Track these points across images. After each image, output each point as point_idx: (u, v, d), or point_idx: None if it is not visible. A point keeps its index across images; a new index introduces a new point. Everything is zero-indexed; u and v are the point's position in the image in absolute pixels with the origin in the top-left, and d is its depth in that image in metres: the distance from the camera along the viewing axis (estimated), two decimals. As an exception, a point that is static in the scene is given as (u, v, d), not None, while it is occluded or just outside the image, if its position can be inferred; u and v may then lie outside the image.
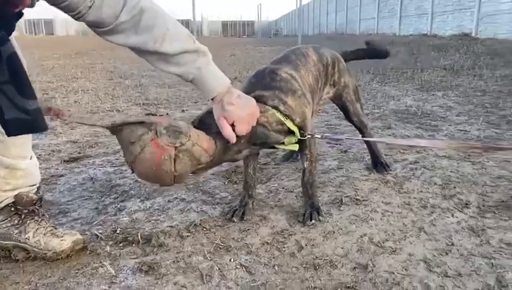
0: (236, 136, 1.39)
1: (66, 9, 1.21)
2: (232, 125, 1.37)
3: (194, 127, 1.41)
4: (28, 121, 1.13)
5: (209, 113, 1.43)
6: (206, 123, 1.43)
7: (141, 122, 1.27)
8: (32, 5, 1.14)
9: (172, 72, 1.35)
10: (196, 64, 1.33)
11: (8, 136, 1.13)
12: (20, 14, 1.17)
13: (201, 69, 1.34)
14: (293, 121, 1.57)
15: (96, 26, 1.26)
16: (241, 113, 1.38)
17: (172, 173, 1.30)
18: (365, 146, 2.33)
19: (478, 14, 10.89)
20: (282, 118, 1.53)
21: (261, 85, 1.60)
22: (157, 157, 1.26)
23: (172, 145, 1.27)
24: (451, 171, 2.15)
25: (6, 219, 1.46)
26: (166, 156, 1.26)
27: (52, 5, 1.20)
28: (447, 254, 1.42)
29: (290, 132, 1.58)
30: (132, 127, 1.27)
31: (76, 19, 1.25)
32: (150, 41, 1.27)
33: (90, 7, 1.20)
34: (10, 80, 1.11)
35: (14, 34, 1.23)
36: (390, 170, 2.17)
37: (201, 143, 1.33)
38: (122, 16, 1.23)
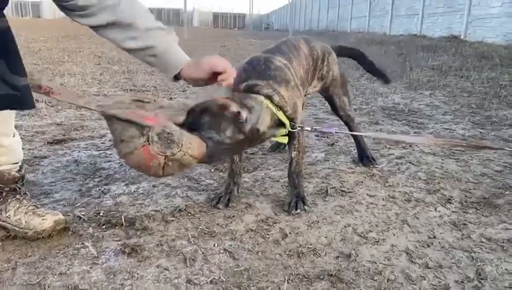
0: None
1: None
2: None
3: (188, 120, 1.40)
4: (16, 97, 1.12)
5: (204, 111, 1.41)
6: (198, 124, 1.39)
7: (133, 122, 1.25)
8: None
9: (142, 46, 1.33)
10: (166, 39, 1.35)
11: None
12: None
13: (171, 44, 1.36)
14: (284, 112, 1.57)
15: (78, 11, 1.25)
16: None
17: (159, 175, 1.33)
18: (352, 140, 2.34)
19: (468, 17, 11.00)
20: (275, 110, 1.53)
21: (256, 73, 1.59)
22: (146, 162, 1.27)
23: (162, 154, 1.26)
24: (435, 167, 2.17)
25: (-13, 196, 1.43)
26: (155, 163, 1.27)
27: None
28: (428, 246, 1.43)
29: (281, 124, 1.58)
30: (124, 125, 1.25)
31: (63, 2, 1.22)
32: (128, 16, 1.28)
33: None
34: (1, 55, 1.09)
35: None
36: (376, 164, 2.18)
37: (192, 152, 1.32)
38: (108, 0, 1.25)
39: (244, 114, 1.41)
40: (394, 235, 1.50)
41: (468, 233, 1.52)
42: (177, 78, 1.41)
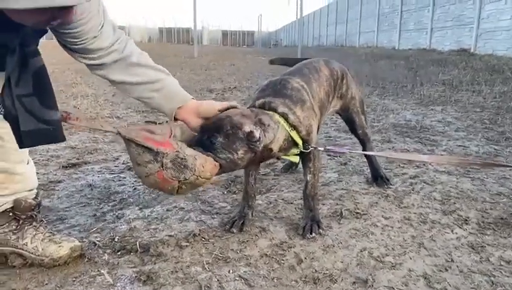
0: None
1: (73, 36, 1.27)
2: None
3: (201, 137, 1.44)
4: (48, 131, 1.17)
5: (217, 129, 1.44)
6: (211, 143, 1.42)
7: (149, 148, 1.29)
8: (69, 22, 1.19)
9: (144, 80, 1.45)
10: (169, 77, 1.50)
11: (21, 147, 1.16)
12: (46, 31, 1.21)
13: (174, 81, 1.51)
14: (298, 133, 1.57)
15: (87, 54, 1.35)
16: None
17: (172, 195, 1.45)
18: (364, 159, 2.33)
19: (477, 31, 10.98)
20: (288, 129, 1.54)
21: (272, 91, 1.63)
22: (160, 185, 1.33)
23: (176, 179, 1.31)
24: (450, 187, 2.15)
25: (4, 224, 1.45)
26: (169, 186, 1.33)
27: (60, 30, 1.25)
28: (446, 270, 1.41)
29: (295, 143, 1.59)
30: (139, 150, 1.30)
31: (73, 45, 1.31)
32: (132, 57, 1.41)
33: (95, 37, 1.29)
34: (34, 92, 1.15)
35: None
36: (390, 184, 2.17)
37: (205, 175, 1.36)
38: (115, 45, 1.37)
39: (257, 133, 1.42)
40: (411, 259, 1.48)
41: (486, 256, 1.49)
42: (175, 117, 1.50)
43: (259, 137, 1.42)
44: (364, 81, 6.51)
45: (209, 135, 1.43)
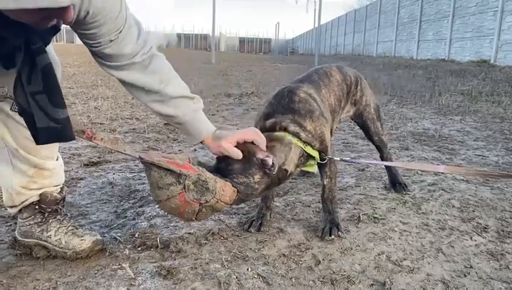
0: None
1: (88, 37, 1.24)
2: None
3: (219, 164, 1.48)
4: (57, 130, 1.17)
5: (233, 159, 1.46)
6: (229, 169, 1.45)
7: (171, 170, 1.31)
8: (69, 22, 1.19)
9: (167, 113, 1.41)
10: (191, 107, 1.42)
11: (37, 144, 1.17)
12: (58, 29, 1.21)
13: (196, 113, 1.44)
14: (312, 147, 1.60)
15: (106, 60, 1.30)
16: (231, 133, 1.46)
17: (191, 220, 1.43)
18: (383, 165, 2.33)
19: (497, 42, 10.87)
20: (302, 145, 1.57)
21: (280, 106, 1.63)
22: (181, 208, 1.35)
23: (197, 201, 1.35)
24: (469, 195, 2.13)
25: (30, 216, 1.49)
26: (190, 209, 1.36)
27: (76, 30, 1.22)
28: (465, 276, 1.40)
29: (310, 156, 1.62)
30: (161, 173, 1.32)
31: (91, 47, 1.28)
32: (156, 82, 1.35)
33: (112, 41, 1.24)
34: (43, 90, 1.15)
35: None
36: (409, 191, 2.16)
37: (225, 199, 1.39)
38: (137, 57, 1.30)
39: (270, 160, 1.45)
40: (429, 263, 1.48)
41: (506, 263, 1.48)
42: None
43: (273, 162, 1.46)
44: (382, 90, 6.49)
45: (226, 161, 1.47)
